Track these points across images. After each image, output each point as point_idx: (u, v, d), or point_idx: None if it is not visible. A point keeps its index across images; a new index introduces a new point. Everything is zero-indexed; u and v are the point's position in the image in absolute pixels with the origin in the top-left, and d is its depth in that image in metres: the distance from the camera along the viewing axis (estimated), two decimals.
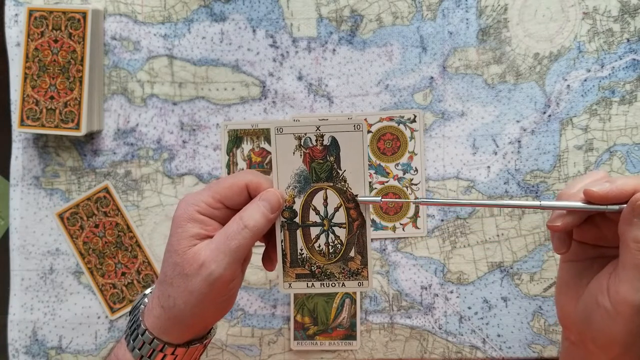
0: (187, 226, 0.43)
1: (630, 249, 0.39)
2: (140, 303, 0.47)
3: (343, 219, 0.45)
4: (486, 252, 0.63)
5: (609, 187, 0.40)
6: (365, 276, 0.46)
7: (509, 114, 0.62)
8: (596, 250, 0.43)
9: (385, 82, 0.63)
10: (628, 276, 0.39)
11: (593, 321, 0.41)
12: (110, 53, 0.64)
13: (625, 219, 0.39)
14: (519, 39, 0.62)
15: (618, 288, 0.39)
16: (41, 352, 0.65)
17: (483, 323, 0.63)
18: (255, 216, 0.43)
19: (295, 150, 0.45)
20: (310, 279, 0.46)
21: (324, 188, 0.45)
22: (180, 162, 0.64)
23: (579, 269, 0.44)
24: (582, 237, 0.44)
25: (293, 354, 0.64)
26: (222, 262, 0.42)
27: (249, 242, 0.43)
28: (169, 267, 0.43)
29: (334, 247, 0.46)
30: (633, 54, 0.61)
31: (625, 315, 0.39)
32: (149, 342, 0.44)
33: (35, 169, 0.65)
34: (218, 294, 0.43)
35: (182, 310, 0.43)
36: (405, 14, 0.62)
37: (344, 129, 0.44)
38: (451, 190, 0.63)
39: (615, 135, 0.62)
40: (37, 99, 0.62)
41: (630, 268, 0.39)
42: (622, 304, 0.39)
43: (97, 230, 0.64)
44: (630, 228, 0.39)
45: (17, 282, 0.65)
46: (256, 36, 0.63)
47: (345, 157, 0.45)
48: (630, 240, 0.39)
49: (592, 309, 0.41)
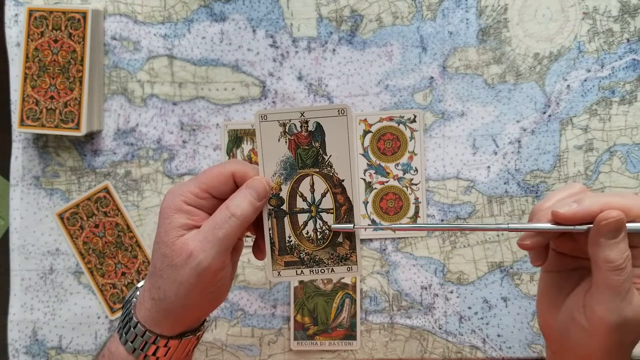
0: (174, 217, 0.43)
1: (602, 269, 0.39)
2: (132, 296, 0.47)
3: (330, 204, 0.45)
4: (486, 252, 0.63)
5: (575, 209, 0.39)
6: (354, 261, 0.46)
7: (509, 114, 0.62)
8: (575, 261, 0.43)
9: (385, 82, 0.63)
10: (602, 296, 0.39)
11: (570, 336, 0.41)
12: (110, 53, 0.64)
13: (593, 240, 0.39)
14: (519, 39, 0.62)
15: (594, 307, 0.39)
16: (41, 352, 0.65)
17: (483, 323, 0.63)
18: (242, 204, 0.43)
19: (280, 137, 0.45)
20: (299, 266, 0.46)
21: (310, 174, 0.45)
22: (180, 162, 0.64)
23: (559, 280, 0.43)
24: (561, 248, 0.43)
25: (293, 354, 0.64)
26: (210, 252, 0.42)
27: (236, 230, 0.43)
28: (157, 258, 0.43)
29: (322, 233, 0.46)
30: (633, 54, 0.61)
31: (601, 334, 0.39)
32: (141, 334, 0.44)
33: (35, 169, 0.65)
34: (207, 284, 0.43)
35: (172, 301, 0.43)
36: (405, 14, 0.62)
37: (329, 114, 0.44)
38: (451, 190, 0.63)
39: (615, 135, 0.62)
40: (37, 99, 0.62)
41: (603, 288, 0.39)
42: (598, 322, 0.39)
43: (97, 230, 0.64)
44: (599, 249, 0.39)
45: (17, 282, 0.65)
46: (256, 36, 0.63)
47: (331, 142, 0.44)
48: (601, 261, 0.39)
49: (570, 324, 0.41)
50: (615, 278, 0.38)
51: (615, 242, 0.38)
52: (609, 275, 0.38)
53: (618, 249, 0.38)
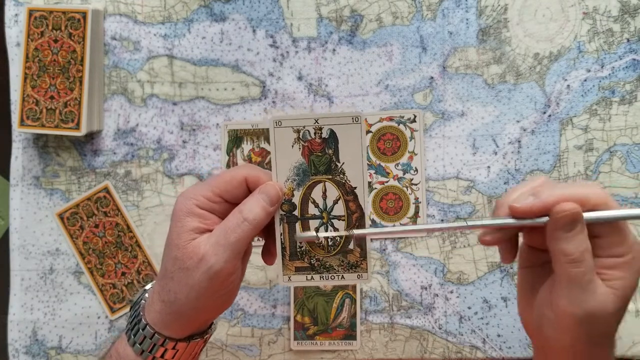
0: (186, 220, 0.43)
1: (561, 262, 0.38)
2: (141, 298, 0.47)
3: (342, 211, 0.45)
4: (486, 252, 0.63)
5: (531, 202, 0.39)
6: (365, 268, 0.46)
7: (509, 114, 0.62)
8: (546, 254, 0.42)
9: (385, 82, 0.63)
10: (564, 290, 0.39)
11: (544, 331, 0.41)
12: (110, 53, 0.64)
13: (550, 233, 0.39)
14: (519, 39, 0.62)
15: (558, 302, 0.39)
16: (41, 352, 0.65)
17: (483, 323, 0.63)
18: (254, 209, 0.43)
19: (294, 143, 0.45)
20: (309, 271, 0.46)
21: (323, 181, 0.45)
22: (180, 162, 0.64)
23: (534, 275, 0.43)
24: (532, 242, 0.43)
25: (293, 354, 0.64)
26: (222, 256, 0.42)
27: (248, 235, 0.43)
28: (169, 261, 0.43)
29: (333, 240, 0.46)
30: (633, 54, 0.61)
31: (569, 327, 0.39)
32: (150, 336, 0.44)
33: (35, 169, 0.65)
34: (218, 288, 0.43)
35: (183, 304, 0.43)
36: (405, 14, 0.62)
37: (343, 122, 0.44)
38: (451, 190, 0.63)
39: (615, 135, 0.62)
40: (37, 99, 0.62)
41: (565, 281, 0.39)
42: (563, 317, 0.39)
43: (97, 230, 0.64)
44: (556, 242, 0.39)
45: (17, 282, 0.65)
46: (256, 36, 0.63)
47: (344, 149, 0.44)
48: (559, 253, 0.38)
49: (541, 318, 0.41)
50: (574, 270, 0.38)
51: (572, 234, 0.38)
52: (568, 268, 0.38)
53: (575, 241, 0.38)
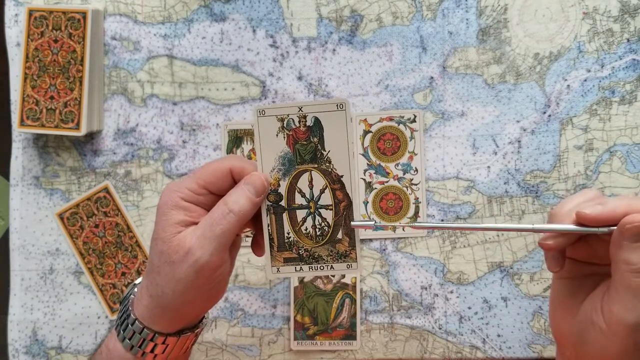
0: (171, 213, 0.43)
1: (622, 270, 0.39)
2: (130, 293, 0.46)
3: (329, 200, 0.45)
4: (486, 252, 0.63)
5: (600, 210, 0.40)
6: (354, 258, 0.45)
7: (509, 114, 0.62)
8: (589, 267, 0.43)
9: (385, 82, 0.63)
10: (621, 296, 0.39)
11: (588, 339, 0.41)
12: (110, 53, 0.64)
13: (615, 242, 0.40)
14: (519, 39, 0.62)
15: (611, 307, 0.39)
16: (41, 352, 0.65)
17: (483, 323, 0.63)
18: (240, 200, 0.43)
19: (278, 133, 0.44)
20: (298, 262, 0.46)
21: (309, 170, 0.45)
22: (180, 162, 0.64)
23: (573, 287, 0.44)
24: (575, 255, 0.44)
25: (293, 354, 0.64)
26: (208, 248, 0.42)
27: (234, 227, 0.42)
28: (155, 255, 0.43)
29: (321, 230, 0.45)
30: (633, 54, 0.61)
31: (619, 335, 0.39)
32: (139, 331, 0.44)
33: (35, 169, 0.65)
34: (206, 281, 0.43)
35: (170, 298, 0.43)
36: (405, 14, 0.62)
37: (327, 109, 0.44)
38: (451, 190, 0.63)
39: (615, 135, 0.62)
40: (37, 99, 0.62)
41: (622, 289, 0.39)
42: (615, 323, 0.39)
43: (97, 230, 0.64)
44: (620, 251, 0.39)
45: (17, 282, 0.65)
46: (256, 36, 0.63)
47: (329, 137, 0.44)
48: (621, 262, 0.39)
49: (586, 328, 0.41)
50: (635, 280, 0.39)
51: (638, 245, 0.39)
52: (629, 277, 0.39)
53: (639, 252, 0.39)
